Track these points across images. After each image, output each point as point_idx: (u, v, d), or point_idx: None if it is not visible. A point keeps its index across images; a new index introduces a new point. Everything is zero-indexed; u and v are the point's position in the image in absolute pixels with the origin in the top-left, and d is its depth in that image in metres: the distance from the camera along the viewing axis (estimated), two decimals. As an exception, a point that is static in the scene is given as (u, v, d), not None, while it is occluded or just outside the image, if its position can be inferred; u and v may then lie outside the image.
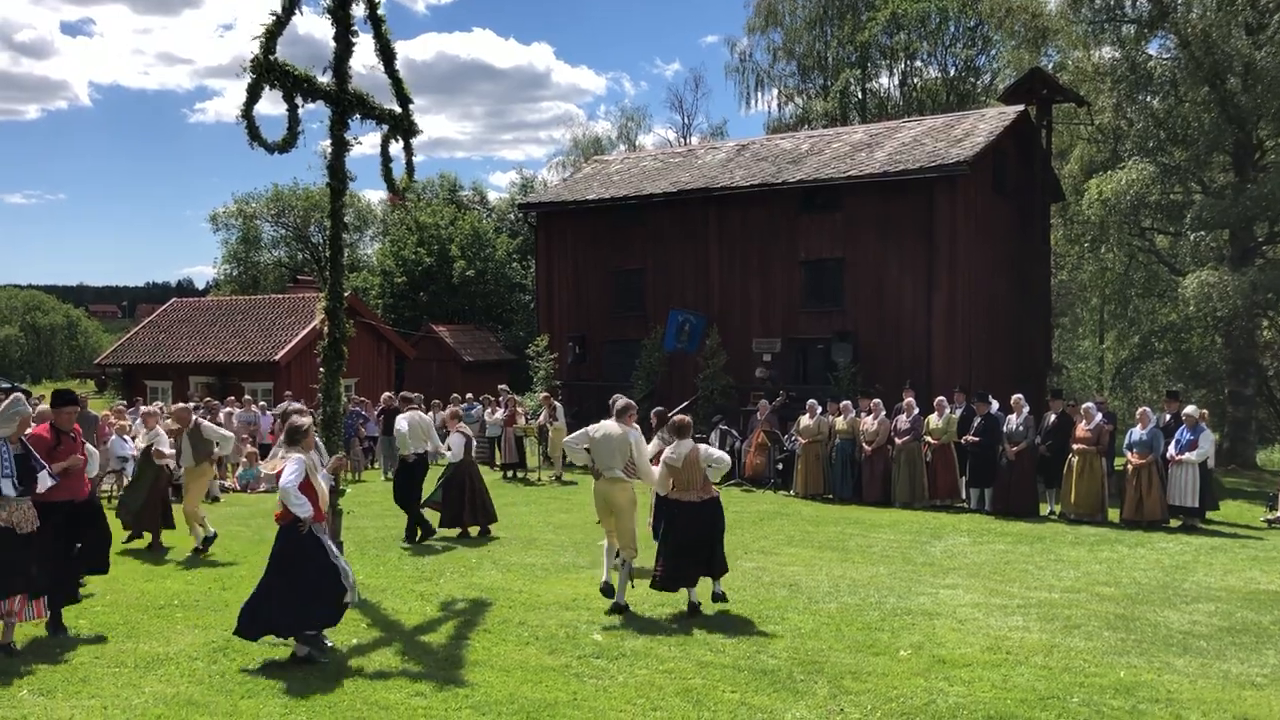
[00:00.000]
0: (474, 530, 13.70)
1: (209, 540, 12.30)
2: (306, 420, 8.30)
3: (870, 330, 23.21)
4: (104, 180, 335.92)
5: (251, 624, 7.79)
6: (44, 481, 8.06)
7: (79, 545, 8.83)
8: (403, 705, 6.79)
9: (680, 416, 9.79)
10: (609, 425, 9.75)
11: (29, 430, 8.30)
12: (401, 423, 13.73)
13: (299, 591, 7.75)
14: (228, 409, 22.05)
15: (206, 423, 13.32)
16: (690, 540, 9.20)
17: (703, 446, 9.54)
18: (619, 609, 9.28)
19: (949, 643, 8.38)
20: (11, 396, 8.38)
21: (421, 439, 13.76)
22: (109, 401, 34.05)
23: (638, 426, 9.80)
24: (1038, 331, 26.59)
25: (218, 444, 12.93)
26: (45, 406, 9.61)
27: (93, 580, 10.53)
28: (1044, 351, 27.18)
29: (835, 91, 46.69)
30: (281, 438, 8.30)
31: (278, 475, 7.96)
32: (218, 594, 10.09)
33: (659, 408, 14.13)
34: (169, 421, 13.66)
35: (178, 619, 9.02)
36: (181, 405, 13.93)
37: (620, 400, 10.04)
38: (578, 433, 10.19)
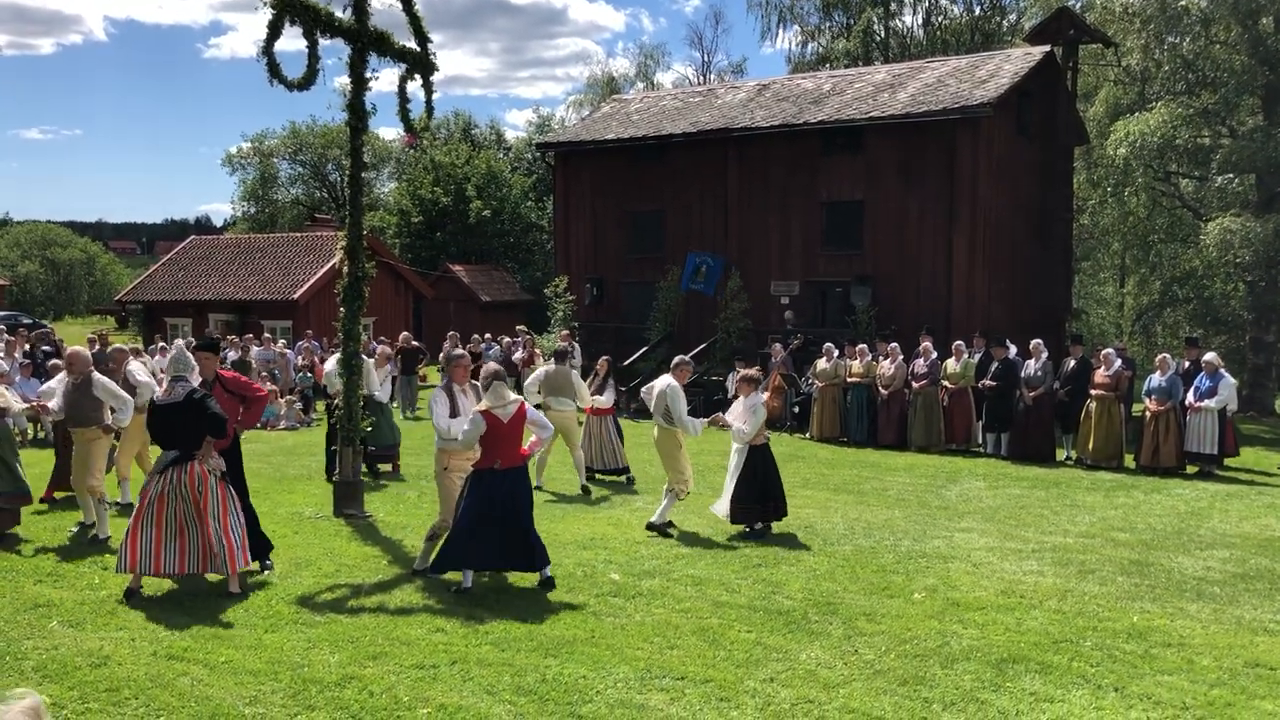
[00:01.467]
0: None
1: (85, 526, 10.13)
2: (497, 367, 8.61)
3: (889, 273, 23.09)
4: (120, 116, 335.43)
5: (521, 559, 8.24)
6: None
7: None
8: (424, 640, 6.91)
9: (748, 370, 10.99)
10: (662, 378, 10.71)
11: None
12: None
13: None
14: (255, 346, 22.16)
15: (101, 377, 10.24)
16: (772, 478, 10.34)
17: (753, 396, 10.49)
18: (657, 529, 10.22)
19: (963, 586, 8.45)
20: (175, 347, 8.60)
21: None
22: (131, 339, 34.29)
23: (676, 381, 10.57)
24: (1058, 276, 26.39)
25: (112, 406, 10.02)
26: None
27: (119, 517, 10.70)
28: (1064, 296, 27.01)
29: (858, 31, 45.95)
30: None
31: (520, 414, 8.26)
32: (240, 530, 10.23)
33: (606, 356, 14.75)
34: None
35: (202, 554, 9.15)
36: (77, 349, 10.59)
37: (678, 358, 11.18)
38: (646, 388, 11.29)
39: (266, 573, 8.54)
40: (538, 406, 13.04)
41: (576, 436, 13.07)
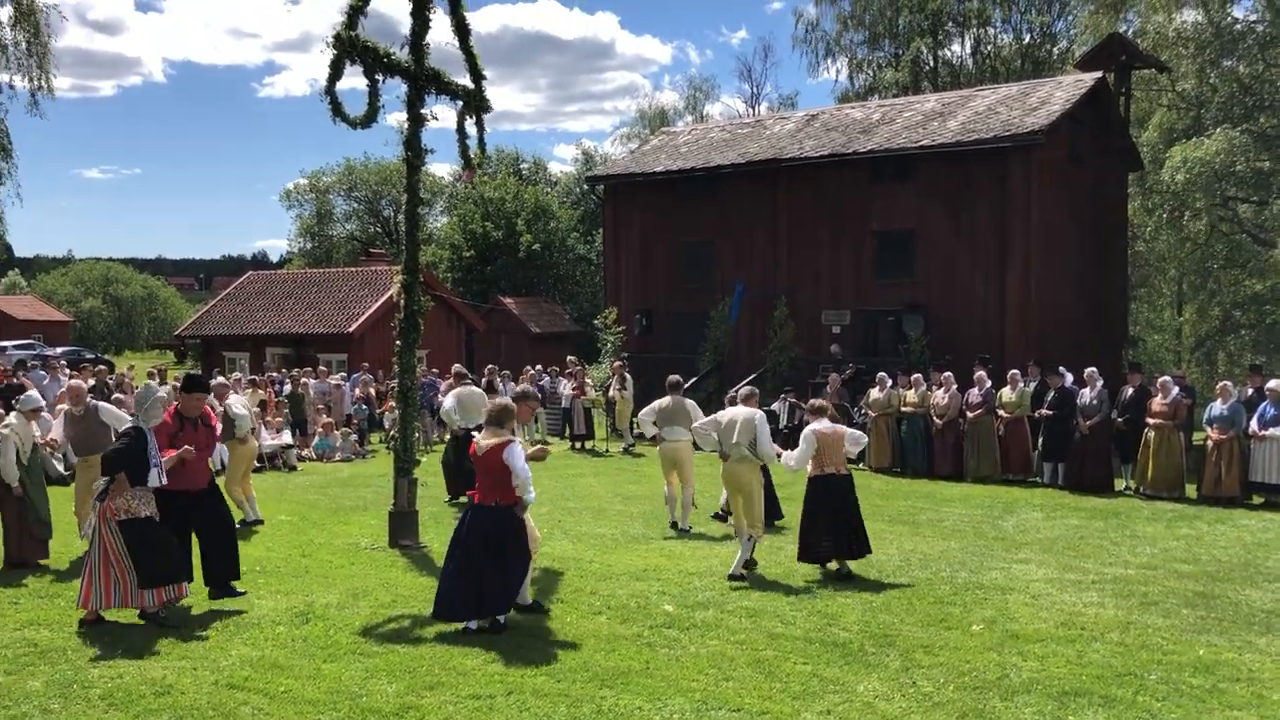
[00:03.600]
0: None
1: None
2: (510, 401, 8.49)
3: (942, 302, 22.93)
4: (178, 155, 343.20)
5: (462, 606, 7.85)
6: (152, 479, 8.03)
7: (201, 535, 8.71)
8: (480, 671, 6.95)
9: (817, 400, 10.57)
10: (735, 410, 10.25)
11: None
12: (449, 399, 13.80)
13: (508, 572, 7.90)
14: (305, 379, 22.47)
15: (106, 405, 11.12)
16: (836, 514, 9.72)
17: (845, 427, 10.27)
18: (740, 577, 9.57)
19: (1022, 618, 8.33)
20: (144, 386, 8.65)
21: (473, 414, 13.86)
22: (185, 370, 34.89)
23: (760, 410, 10.29)
24: (1114, 303, 26.06)
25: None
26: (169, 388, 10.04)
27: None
28: (1120, 324, 26.64)
29: (906, 61, 45.92)
30: (489, 416, 8.29)
31: (492, 451, 7.87)
32: (298, 560, 10.38)
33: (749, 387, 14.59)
34: (247, 393, 13.86)
35: (260, 585, 9.28)
36: (77, 382, 11.31)
37: (744, 388, 11.01)
38: (707, 420, 10.88)
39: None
40: (651, 438, 13.13)
41: (690, 468, 12.46)
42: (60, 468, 11.12)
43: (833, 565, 9.81)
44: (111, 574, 7.90)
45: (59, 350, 45.64)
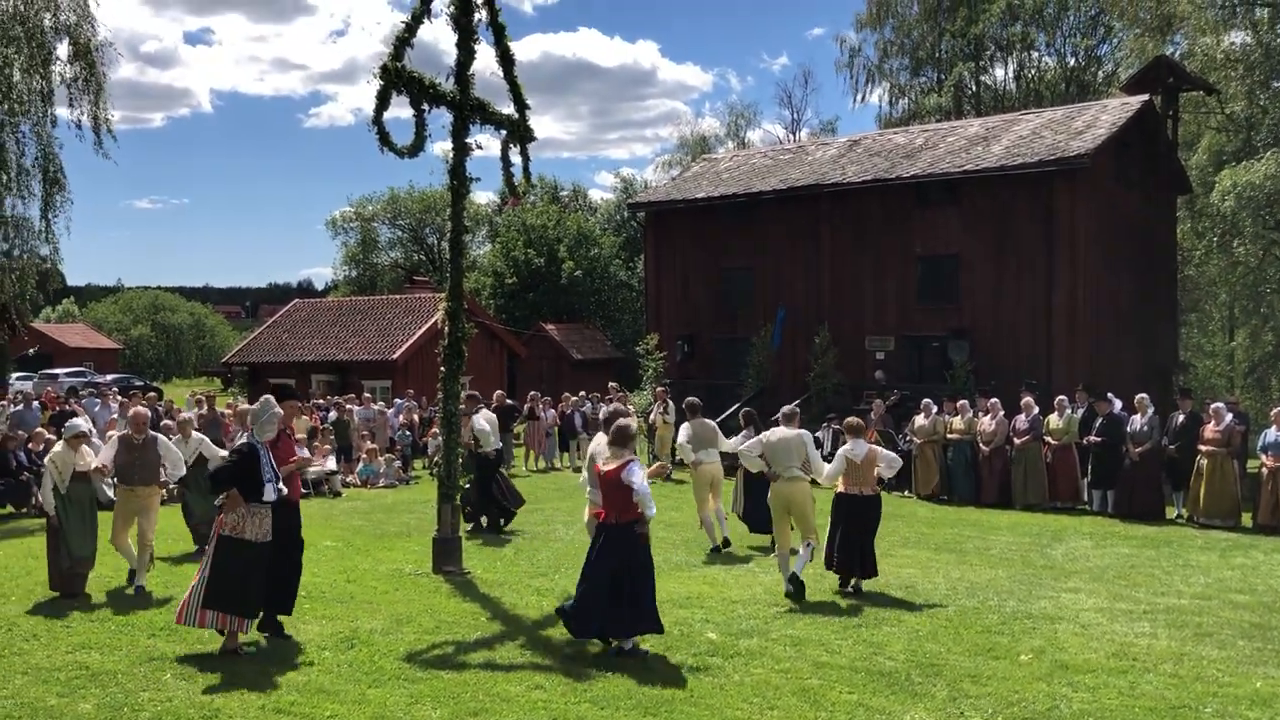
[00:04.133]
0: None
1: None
2: (633, 422, 8.73)
3: (987, 327, 22.73)
4: (225, 184, 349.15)
5: (613, 624, 8.06)
6: (268, 494, 8.01)
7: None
8: (523, 698, 6.94)
9: (852, 419, 10.73)
10: (782, 430, 10.39)
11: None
12: (482, 421, 14.33)
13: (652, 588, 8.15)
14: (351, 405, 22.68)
15: (163, 438, 10.87)
16: (854, 531, 10.03)
17: (879, 448, 10.43)
18: (797, 584, 9.72)
19: (1072, 648, 8.19)
20: (263, 399, 8.46)
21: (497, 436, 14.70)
22: (233, 397, 35.35)
23: (806, 430, 10.55)
24: (1163, 329, 25.69)
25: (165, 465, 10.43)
26: (244, 406, 10.13)
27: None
28: (1170, 349, 26.25)
29: (949, 86, 45.76)
30: (607, 438, 8.60)
31: (611, 474, 8.18)
32: (343, 586, 10.44)
33: (747, 408, 14.74)
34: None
35: (305, 610, 9.34)
36: (143, 410, 11.24)
37: (786, 407, 11.09)
38: (751, 441, 11.01)
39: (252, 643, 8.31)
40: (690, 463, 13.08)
41: (721, 487, 12.93)
42: (110, 493, 11.10)
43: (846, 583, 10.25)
44: (194, 589, 7.92)
45: (109, 377, 46.53)
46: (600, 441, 9.23)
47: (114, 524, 10.24)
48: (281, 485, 8.15)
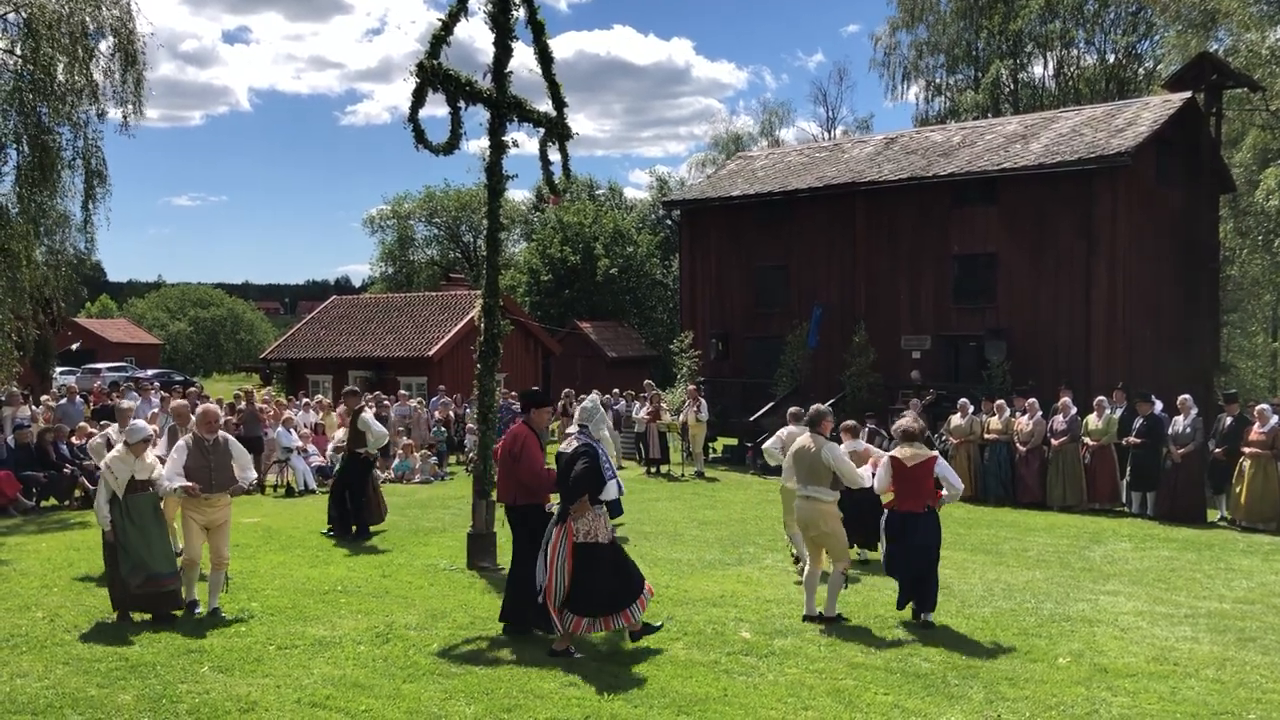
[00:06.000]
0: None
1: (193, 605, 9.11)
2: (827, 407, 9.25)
3: (1025, 327, 22.51)
4: (263, 182, 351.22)
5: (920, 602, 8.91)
6: (609, 492, 7.96)
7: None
8: (556, 695, 6.95)
9: (848, 421, 10.47)
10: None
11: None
12: (372, 419, 13.76)
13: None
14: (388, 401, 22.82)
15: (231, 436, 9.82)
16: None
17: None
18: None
19: (1111, 651, 8.09)
20: (591, 399, 8.51)
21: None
22: (275, 392, 35.68)
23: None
24: (1204, 329, 25.30)
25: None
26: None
27: (263, 564, 11.14)
28: (1211, 350, 25.86)
29: (986, 83, 45.34)
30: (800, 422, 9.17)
31: (925, 464, 8.90)
32: (378, 581, 10.50)
33: (850, 421, 12.31)
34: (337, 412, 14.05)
35: (341, 604, 9.42)
36: (213, 408, 10.30)
37: (794, 408, 10.06)
38: (774, 439, 10.67)
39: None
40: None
41: None
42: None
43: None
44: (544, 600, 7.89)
45: (150, 372, 47.07)
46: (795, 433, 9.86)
47: (185, 542, 9.11)
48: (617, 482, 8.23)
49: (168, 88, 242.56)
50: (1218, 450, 15.45)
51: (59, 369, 38.55)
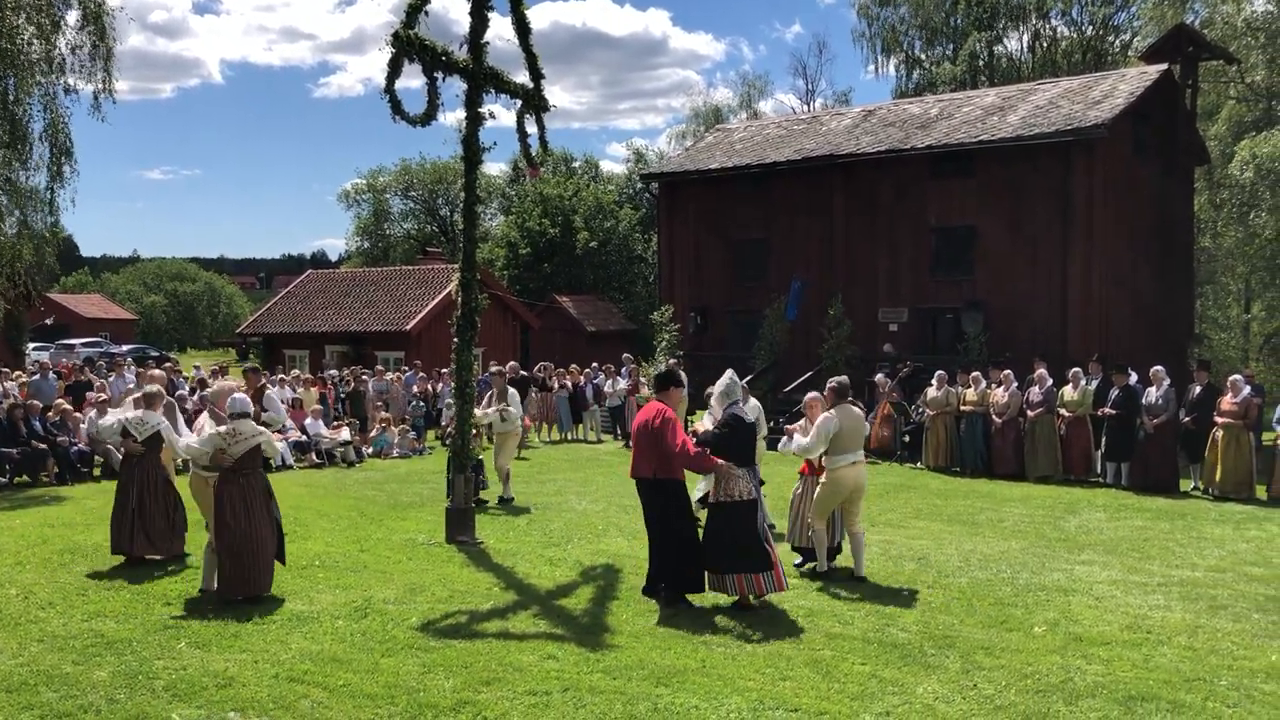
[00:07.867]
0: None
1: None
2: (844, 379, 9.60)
3: (1002, 299, 22.60)
4: (236, 155, 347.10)
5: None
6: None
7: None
8: (535, 667, 6.96)
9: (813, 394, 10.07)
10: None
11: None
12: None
13: None
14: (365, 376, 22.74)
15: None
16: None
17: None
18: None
19: (1086, 620, 8.17)
20: (729, 375, 8.81)
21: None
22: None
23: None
24: (1179, 300, 25.49)
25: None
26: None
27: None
28: (1185, 321, 26.07)
29: (963, 56, 45.28)
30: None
31: None
32: (356, 555, 10.48)
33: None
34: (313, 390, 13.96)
35: (319, 579, 9.39)
36: (231, 383, 10.56)
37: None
38: (814, 436, 10.04)
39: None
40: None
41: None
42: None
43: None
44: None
45: (125, 348, 46.71)
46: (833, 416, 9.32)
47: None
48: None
49: (138, 59, 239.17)
50: (1188, 419, 15.59)
51: (32, 344, 38.20)
